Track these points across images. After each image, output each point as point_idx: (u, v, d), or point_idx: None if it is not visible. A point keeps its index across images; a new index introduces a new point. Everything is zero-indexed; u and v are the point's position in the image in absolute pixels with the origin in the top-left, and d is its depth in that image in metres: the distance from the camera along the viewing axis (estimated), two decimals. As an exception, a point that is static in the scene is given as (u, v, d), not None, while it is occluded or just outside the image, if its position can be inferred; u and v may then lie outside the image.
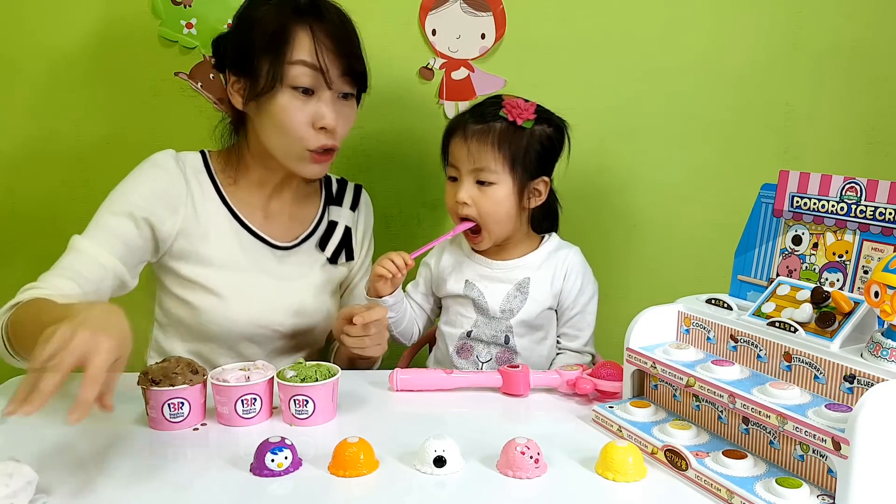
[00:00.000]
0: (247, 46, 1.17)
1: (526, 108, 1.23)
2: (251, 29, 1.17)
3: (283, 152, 1.22)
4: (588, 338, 1.34)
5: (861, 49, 1.57)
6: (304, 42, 1.15)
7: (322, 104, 1.18)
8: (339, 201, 1.39)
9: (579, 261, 1.32)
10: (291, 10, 1.16)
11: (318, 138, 1.19)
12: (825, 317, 0.85)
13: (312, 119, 1.18)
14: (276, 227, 1.30)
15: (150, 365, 1.02)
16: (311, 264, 1.33)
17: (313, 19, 1.16)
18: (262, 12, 1.17)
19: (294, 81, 1.16)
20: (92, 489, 0.84)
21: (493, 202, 1.23)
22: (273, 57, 1.15)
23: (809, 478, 0.80)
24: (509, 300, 1.27)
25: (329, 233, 1.35)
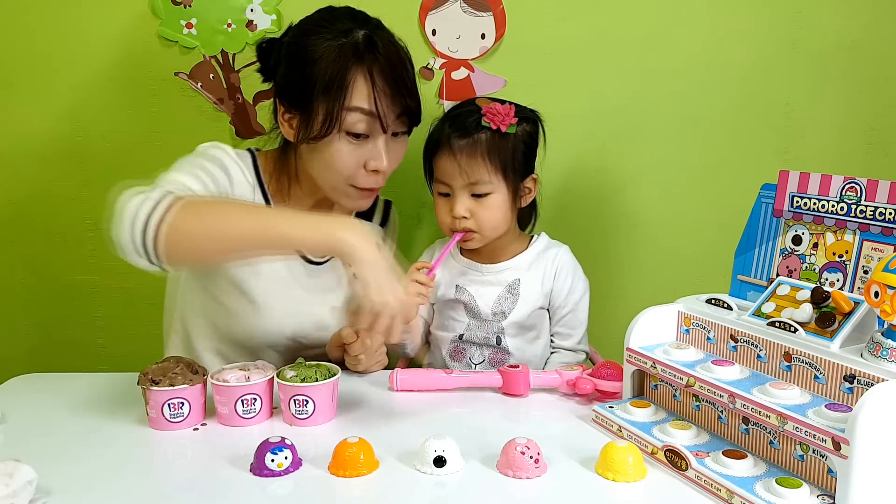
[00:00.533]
0: (302, 84, 1.14)
1: (506, 113, 1.21)
2: (308, 66, 1.13)
3: (329, 187, 1.21)
4: (581, 336, 1.34)
5: (861, 49, 1.57)
6: (362, 88, 1.13)
7: (376, 147, 1.16)
8: (369, 216, 1.38)
9: (569, 259, 1.32)
10: (351, 53, 1.12)
11: (368, 179, 1.18)
12: (825, 317, 0.85)
13: (365, 161, 1.17)
14: None
15: (150, 365, 1.02)
16: (341, 278, 1.31)
17: (371, 61, 1.13)
18: (321, 51, 1.13)
19: (351, 128, 1.14)
20: (92, 489, 0.85)
21: (491, 211, 1.23)
22: (330, 102, 1.12)
23: (809, 478, 0.80)
24: (500, 302, 1.27)
25: None
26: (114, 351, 1.62)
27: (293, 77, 1.16)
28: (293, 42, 1.17)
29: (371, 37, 1.14)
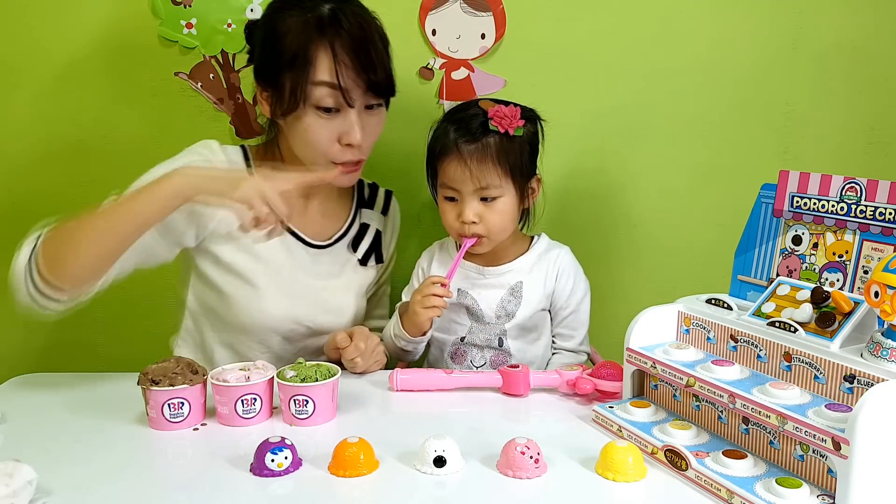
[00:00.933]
0: (270, 60, 1.17)
1: (513, 116, 1.21)
2: (275, 42, 1.16)
3: (311, 163, 1.22)
4: (583, 337, 1.34)
5: (861, 49, 1.57)
6: (325, 62, 1.14)
7: (347, 121, 1.17)
8: (370, 205, 1.40)
9: (570, 260, 1.32)
10: (314, 26, 1.14)
11: (345, 153, 1.20)
12: (825, 317, 0.85)
13: (338, 136, 1.18)
14: (310, 225, 1.31)
15: (150, 365, 1.02)
16: (343, 264, 1.34)
17: (334, 35, 1.14)
18: (287, 25, 1.15)
19: (318, 102, 1.15)
20: (92, 489, 0.85)
21: (500, 214, 1.23)
22: (295, 77, 1.14)
23: (809, 478, 0.80)
24: (503, 305, 1.27)
25: (361, 234, 1.36)
26: (114, 351, 1.62)
27: (263, 54, 1.19)
28: (265, 20, 1.20)
29: (336, 11, 1.15)
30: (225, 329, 1.27)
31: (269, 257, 1.25)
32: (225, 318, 1.26)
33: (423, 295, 1.21)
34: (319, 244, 1.31)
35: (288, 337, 1.28)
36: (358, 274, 1.35)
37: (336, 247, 1.33)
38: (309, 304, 1.27)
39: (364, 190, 1.41)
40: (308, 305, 1.27)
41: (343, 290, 1.33)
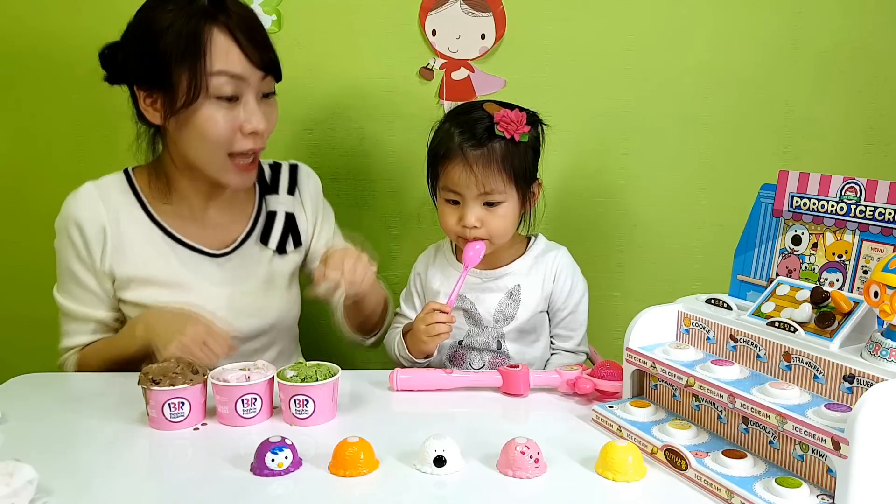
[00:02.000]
0: (157, 59, 1.11)
1: (519, 121, 1.19)
2: (157, 40, 1.10)
3: (207, 162, 1.18)
4: (581, 337, 1.34)
5: (861, 49, 1.57)
6: (221, 48, 1.10)
7: (248, 107, 1.14)
8: (274, 188, 1.34)
9: (568, 261, 1.32)
10: (201, 15, 1.10)
11: (246, 142, 1.16)
12: (825, 317, 0.85)
13: (240, 125, 1.14)
14: (213, 233, 1.27)
15: (151, 365, 1.02)
16: (258, 262, 1.29)
17: (226, 18, 1.11)
18: (167, 19, 1.10)
19: (217, 92, 1.11)
20: (92, 489, 0.85)
21: (502, 219, 1.22)
22: (191, 68, 1.09)
23: (809, 477, 0.80)
24: (501, 309, 1.27)
25: (269, 224, 1.31)
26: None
27: (145, 57, 1.12)
28: (136, 24, 1.15)
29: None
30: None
31: (171, 281, 1.23)
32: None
33: (427, 324, 1.19)
34: (224, 251, 1.27)
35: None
36: (277, 265, 1.31)
37: (243, 248, 1.29)
38: (227, 314, 1.22)
39: (265, 175, 1.35)
40: (226, 317, 1.22)
41: (262, 289, 1.29)
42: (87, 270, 1.23)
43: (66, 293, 1.25)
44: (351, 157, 1.60)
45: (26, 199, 1.60)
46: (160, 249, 1.24)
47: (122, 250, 1.22)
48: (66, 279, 1.24)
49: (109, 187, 1.24)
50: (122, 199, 1.24)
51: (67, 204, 1.23)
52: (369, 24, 1.55)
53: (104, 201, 1.22)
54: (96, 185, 1.24)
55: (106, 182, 1.25)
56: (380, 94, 1.58)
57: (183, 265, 1.24)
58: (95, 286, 1.23)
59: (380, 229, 1.64)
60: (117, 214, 1.22)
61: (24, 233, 1.61)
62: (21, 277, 1.63)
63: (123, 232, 1.22)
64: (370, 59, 1.56)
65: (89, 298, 1.24)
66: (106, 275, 1.23)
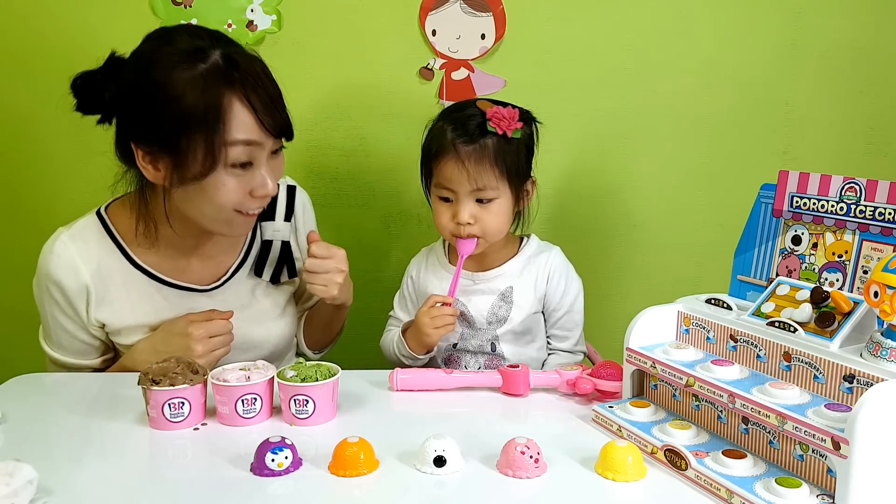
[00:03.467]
0: (167, 124, 1.04)
1: (511, 118, 1.19)
2: (170, 103, 1.03)
3: (210, 221, 1.13)
4: (578, 337, 1.33)
5: (861, 49, 1.57)
6: (239, 117, 1.04)
7: (260, 173, 1.10)
8: (270, 215, 1.27)
9: (561, 262, 1.31)
10: (217, 79, 1.03)
11: (255, 203, 1.12)
12: (825, 317, 0.85)
13: (251, 189, 1.10)
14: (204, 266, 1.24)
15: (151, 365, 1.02)
16: (251, 292, 1.26)
17: (242, 82, 1.04)
18: (182, 83, 1.02)
19: (233, 161, 1.06)
20: (92, 489, 0.85)
21: (496, 216, 1.22)
22: (208, 139, 1.03)
23: (809, 477, 0.80)
24: (494, 311, 1.27)
25: (264, 254, 1.27)
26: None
27: (152, 117, 1.05)
28: (139, 79, 1.06)
29: (229, 55, 1.05)
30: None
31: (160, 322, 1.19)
32: None
33: (432, 317, 1.20)
34: (214, 285, 1.23)
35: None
36: (271, 296, 1.28)
37: (235, 279, 1.25)
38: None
39: None
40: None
41: (256, 320, 1.25)
42: (75, 326, 1.19)
43: (56, 345, 1.22)
44: (351, 157, 1.60)
45: (26, 199, 1.60)
46: (145, 293, 1.19)
47: (107, 301, 1.18)
48: (54, 332, 1.21)
49: (85, 237, 1.18)
50: (99, 248, 1.18)
51: (44, 262, 1.17)
52: (369, 24, 1.55)
53: (81, 255, 1.16)
54: (71, 237, 1.17)
55: (80, 230, 1.18)
56: (380, 94, 1.58)
57: (171, 306, 1.19)
58: (86, 337, 1.21)
59: (380, 229, 1.64)
60: (98, 265, 1.17)
61: (24, 233, 1.61)
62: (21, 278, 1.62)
63: (106, 283, 1.17)
64: (370, 59, 1.56)
65: (80, 349, 1.22)
66: (95, 325, 1.20)
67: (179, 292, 1.21)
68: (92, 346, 1.23)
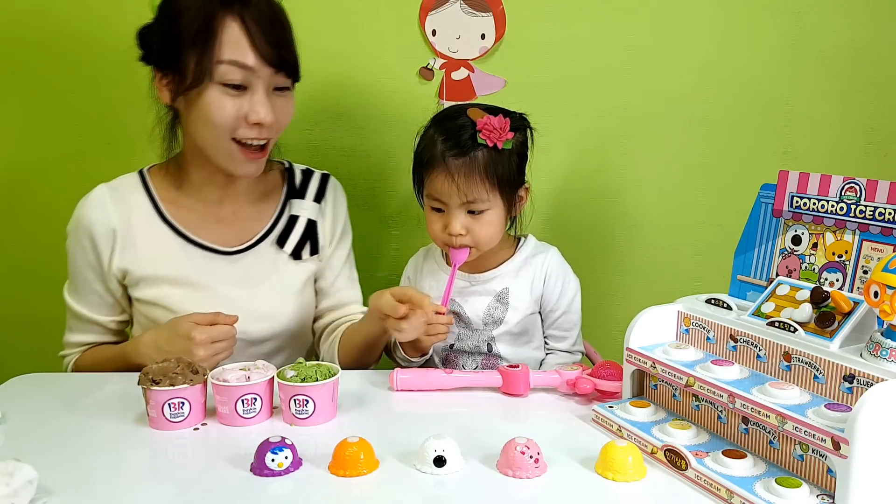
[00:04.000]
0: (171, 40, 1.12)
1: (502, 128, 1.17)
2: (175, 21, 1.12)
3: (213, 148, 1.18)
4: (576, 337, 1.33)
5: (861, 49, 1.57)
6: (232, 37, 1.10)
7: (255, 99, 1.13)
8: (301, 194, 1.33)
9: (558, 262, 1.31)
10: (217, 1, 1.10)
11: (250, 131, 1.15)
12: (825, 317, 0.85)
13: (245, 114, 1.14)
14: (230, 230, 1.27)
15: (151, 365, 1.02)
16: (272, 263, 1.28)
17: (241, 8, 1.11)
18: (186, 3, 1.12)
19: (223, 78, 1.11)
20: (92, 489, 0.85)
21: (487, 225, 1.21)
22: (200, 53, 1.10)
23: (809, 477, 0.80)
24: (490, 312, 1.27)
25: (289, 228, 1.30)
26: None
27: (162, 35, 1.15)
28: (161, 5, 1.16)
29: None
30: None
31: (181, 280, 1.23)
32: None
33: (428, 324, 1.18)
34: (234, 250, 1.26)
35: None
36: (292, 271, 1.30)
37: (259, 248, 1.28)
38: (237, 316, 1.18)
39: (295, 179, 1.34)
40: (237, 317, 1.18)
41: (274, 292, 1.28)
42: (95, 276, 1.25)
43: (74, 293, 1.28)
44: (351, 157, 1.60)
45: (26, 199, 1.60)
46: (170, 248, 1.24)
47: (132, 249, 1.23)
48: (75, 281, 1.28)
49: (122, 188, 1.26)
50: (133, 199, 1.25)
51: (78, 208, 1.25)
52: (369, 23, 1.55)
53: (115, 202, 1.23)
54: (109, 187, 1.25)
55: (119, 183, 1.26)
56: (380, 94, 1.58)
57: (194, 264, 1.24)
58: (103, 291, 1.26)
59: (380, 229, 1.64)
60: (128, 214, 1.24)
61: (24, 233, 1.61)
62: (21, 278, 1.63)
63: (134, 232, 1.23)
64: (370, 59, 1.56)
65: (95, 302, 1.27)
66: (115, 276, 1.24)
67: (203, 252, 1.25)
68: (106, 301, 1.27)
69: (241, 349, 1.23)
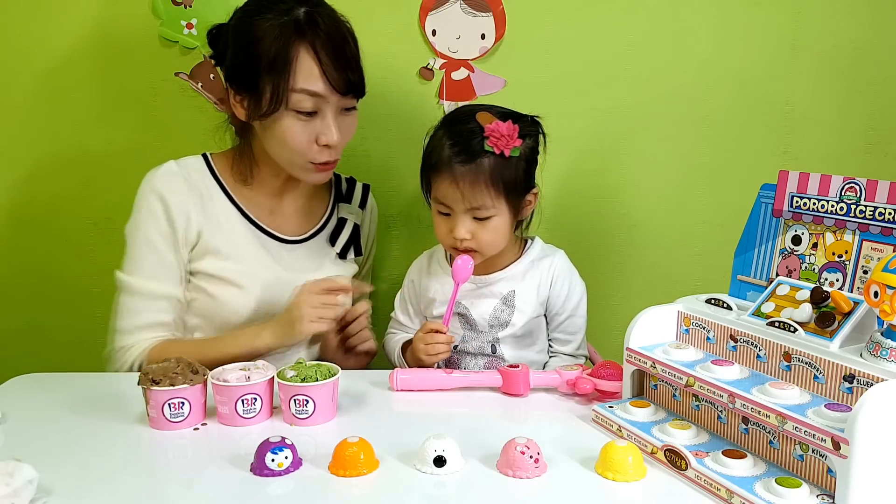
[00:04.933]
0: (247, 64, 1.18)
1: (510, 135, 1.16)
2: (251, 46, 1.17)
3: (286, 163, 1.26)
4: (580, 341, 1.33)
5: (861, 50, 1.57)
6: (306, 67, 1.16)
7: (325, 122, 1.20)
8: (348, 199, 1.43)
9: (565, 266, 1.30)
10: (292, 29, 1.15)
11: (322, 154, 1.23)
12: (825, 317, 0.85)
13: (316, 137, 1.21)
14: (286, 222, 1.35)
15: (151, 365, 1.02)
16: (322, 258, 1.36)
17: (314, 37, 1.16)
18: (263, 30, 1.16)
19: (297, 106, 1.18)
20: (92, 489, 0.85)
21: (493, 232, 1.21)
22: (275, 82, 1.16)
23: (809, 477, 0.80)
24: (496, 314, 1.27)
25: (339, 228, 1.39)
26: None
27: (239, 58, 1.20)
28: (238, 24, 1.21)
29: (312, 13, 1.17)
30: (213, 329, 1.28)
31: (246, 257, 1.28)
32: (214, 319, 1.28)
33: (426, 343, 1.20)
34: (295, 239, 1.34)
35: None
36: (338, 267, 1.37)
37: (313, 241, 1.36)
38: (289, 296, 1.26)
39: (342, 185, 1.44)
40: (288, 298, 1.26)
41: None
42: (168, 245, 1.26)
43: (139, 271, 1.26)
44: (351, 157, 1.60)
45: (26, 199, 1.60)
46: (236, 226, 1.29)
47: (203, 219, 1.27)
48: (142, 254, 1.26)
49: (189, 167, 1.29)
50: (201, 178, 1.29)
51: (150, 178, 1.27)
52: (369, 23, 1.54)
53: (185, 177, 1.27)
54: (178, 164, 1.28)
55: (186, 162, 1.30)
56: (380, 94, 1.57)
57: (258, 244, 1.30)
58: (173, 261, 1.26)
59: (380, 229, 1.63)
60: (199, 189, 1.28)
61: (24, 233, 1.61)
62: (21, 278, 1.63)
63: (206, 206, 1.27)
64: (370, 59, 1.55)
65: (166, 275, 1.26)
66: (189, 244, 1.27)
67: (263, 236, 1.31)
68: (177, 273, 1.27)
69: None
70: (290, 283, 1.27)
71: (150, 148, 1.52)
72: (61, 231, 1.59)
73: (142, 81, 1.54)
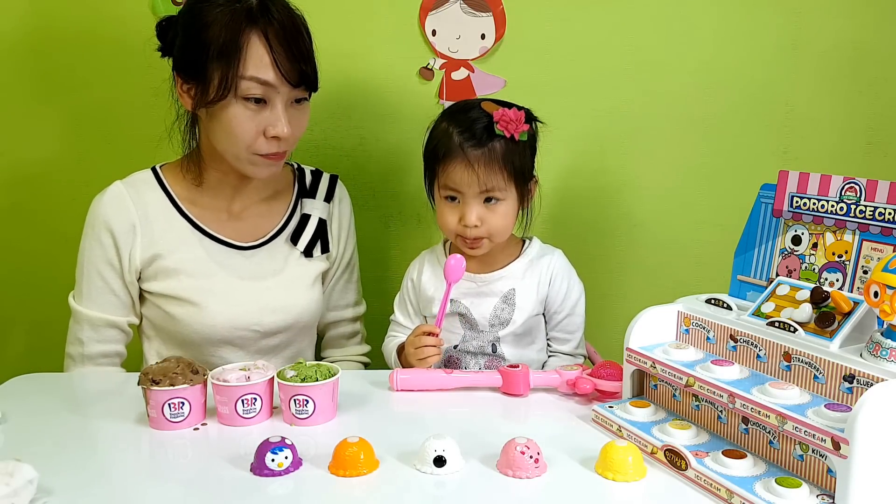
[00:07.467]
0: (196, 50, 1.14)
1: (518, 120, 1.19)
2: (201, 32, 1.14)
3: (232, 157, 1.21)
4: (579, 340, 1.33)
5: (861, 50, 1.57)
6: (255, 54, 1.13)
7: (274, 113, 1.17)
8: (312, 193, 1.37)
9: (563, 265, 1.31)
10: (244, 17, 1.13)
11: (269, 146, 1.19)
12: (825, 317, 0.85)
13: (264, 128, 1.17)
14: (243, 226, 1.30)
15: (151, 365, 1.02)
16: (284, 259, 1.31)
17: (266, 24, 1.13)
18: (214, 16, 1.13)
19: (245, 93, 1.14)
20: (92, 489, 0.85)
21: (502, 217, 1.22)
22: (224, 68, 1.13)
23: (809, 477, 0.80)
24: (497, 313, 1.27)
25: (302, 226, 1.34)
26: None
27: (188, 44, 1.17)
28: (187, 11, 1.18)
29: (265, 2, 1.15)
30: (175, 346, 1.27)
31: (198, 272, 1.25)
32: (174, 336, 1.26)
33: (416, 347, 1.19)
34: (250, 245, 1.30)
35: (238, 344, 1.26)
36: (303, 267, 1.33)
37: (272, 244, 1.31)
38: (250, 307, 1.26)
39: (305, 178, 1.38)
40: (249, 309, 1.26)
41: (287, 286, 1.30)
42: (114, 273, 1.25)
43: (87, 299, 1.26)
44: (351, 157, 1.60)
45: (26, 200, 1.60)
46: (188, 241, 1.26)
47: (152, 242, 1.25)
48: (90, 283, 1.26)
49: (137, 184, 1.27)
50: (150, 194, 1.27)
51: (96, 204, 1.25)
52: (369, 23, 1.55)
53: (132, 198, 1.25)
54: (124, 184, 1.27)
55: (133, 179, 1.28)
56: (380, 94, 1.58)
57: (210, 257, 1.26)
58: (120, 289, 1.26)
59: (380, 229, 1.64)
60: (146, 209, 1.25)
61: (24, 233, 1.61)
62: (21, 278, 1.63)
63: (153, 225, 1.25)
64: (370, 58, 1.56)
65: (112, 303, 1.26)
66: (135, 271, 1.25)
67: (219, 246, 1.28)
68: (124, 301, 1.27)
69: (253, 340, 1.27)
70: (252, 291, 1.26)
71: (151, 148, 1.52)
72: (60, 231, 1.59)
73: (141, 81, 1.54)
